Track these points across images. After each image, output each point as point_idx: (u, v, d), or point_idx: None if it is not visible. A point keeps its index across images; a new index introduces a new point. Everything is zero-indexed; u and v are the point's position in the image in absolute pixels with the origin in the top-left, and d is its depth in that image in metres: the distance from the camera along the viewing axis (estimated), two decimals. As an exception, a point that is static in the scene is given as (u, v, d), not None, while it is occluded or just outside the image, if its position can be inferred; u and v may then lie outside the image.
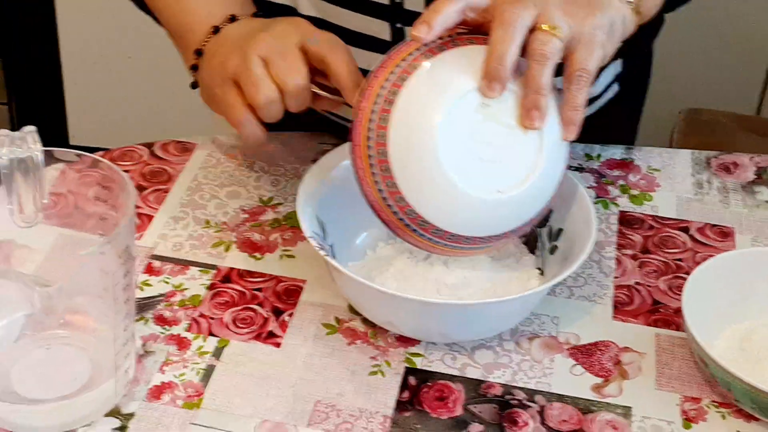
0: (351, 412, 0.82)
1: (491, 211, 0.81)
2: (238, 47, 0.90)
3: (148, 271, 0.93)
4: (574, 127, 0.81)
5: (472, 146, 0.80)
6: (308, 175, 0.91)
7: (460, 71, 0.79)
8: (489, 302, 0.83)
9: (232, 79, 0.89)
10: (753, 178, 1.08)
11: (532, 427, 0.82)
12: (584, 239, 0.87)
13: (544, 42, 0.78)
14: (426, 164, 0.79)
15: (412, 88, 0.80)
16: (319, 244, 0.86)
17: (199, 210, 1.00)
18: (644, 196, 1.05)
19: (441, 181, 0.79)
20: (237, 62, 0.89)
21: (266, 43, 0.88)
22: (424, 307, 0.83)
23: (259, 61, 0.88)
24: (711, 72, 2.02)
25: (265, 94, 0.87)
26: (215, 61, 0.92)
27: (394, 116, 0.80)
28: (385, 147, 0.80)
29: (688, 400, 0.84)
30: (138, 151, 1.07)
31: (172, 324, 0.89)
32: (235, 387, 0.84)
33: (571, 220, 0.90)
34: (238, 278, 0.93)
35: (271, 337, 0.88)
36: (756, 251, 0.93)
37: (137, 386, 0.83)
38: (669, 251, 0.98)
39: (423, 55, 0.81)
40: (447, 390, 0.85)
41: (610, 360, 0.88)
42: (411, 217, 0.81)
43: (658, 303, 0.93)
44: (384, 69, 0.81)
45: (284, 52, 0.88)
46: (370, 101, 0.81)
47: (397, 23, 1.00)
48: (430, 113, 0.79)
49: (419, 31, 0.79)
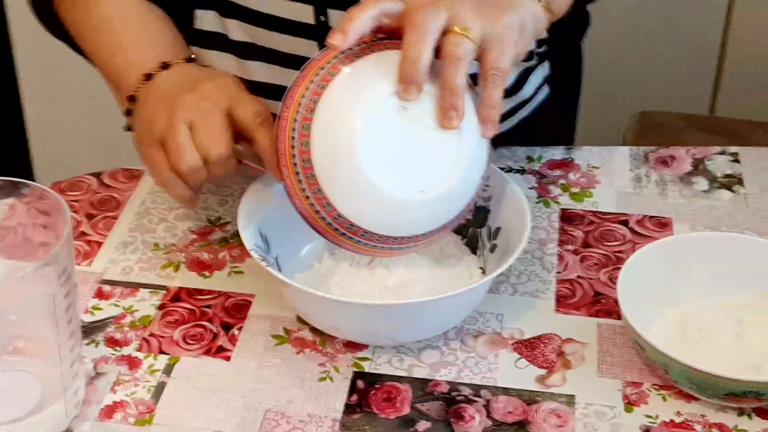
0: (300, 418, 0.84)
1: (416, 211, 0.84)
2: (166, 107, 0.91)
3: (98, 296, 0.95)
4: (492, 124, 0.83)
5: (393, 149, 0.82)
6: (249, 191, 0.93)
7: (377, 76, 0.82)
8: (430, 300, 0.85)
9: (159, 141, 0.91)
10: (690, 169, 1.10)
11: (478, 420, 0.84)
12: (520, 233, 0.89)
13: (456, 44, 0.80)
14: (349, 169, 0.81)
15: (332, 95, 0.82)
16: (261, 255, 0.88)
17: (148, 233, 1.02)
18: (585, 193, 1.07)
19: (365, 185, 0.81)
20: (163, 125, 0.90)
21: (193, 107, 0.90)
22: (366, 310, 0.85)
23: (184, 128, 0.89)
24: (663, 74, 2.05)
25: (187, 162, 0.89)
26: (144, 114, 0.93)
27: (315, 124, 0.82)
28: (309, 155, 0.82)
29: (630, 385, 0.86)
30: (86, 180, 1.09)
31: (122, 345, 0.90)
32: (186, 401, 0.85)
33: (507, 217, 0.93)
34: (187, 297, 0.95)
35: (221, 351, 0.90)
36: (689, 237, 0.96)
37: (89, 407, 0.84)
38: (609, 244, 1.01)
39: (341, 62, 0.83)
40: (394, 391, 0.86)
41: (554, 351, 0.90)
42: (339, 221, 0.83)
43: (599, 294, 0.95)
44: (304, 77, 0.84)
45: (210, 118, 0.89)
46: (292, 110, 0.83)
47: (325, 41, 1.02)
48: (350, 119, 0.81)
49: (335, 39, 0.82)
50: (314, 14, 1.01)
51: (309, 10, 1.01)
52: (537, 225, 1.02)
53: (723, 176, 1.09)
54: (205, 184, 1.06)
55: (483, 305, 0.93)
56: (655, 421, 0.83)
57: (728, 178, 1.09)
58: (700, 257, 0.91)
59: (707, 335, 0.87)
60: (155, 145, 0.91)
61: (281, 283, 0.87)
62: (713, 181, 1.08)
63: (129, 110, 0.97)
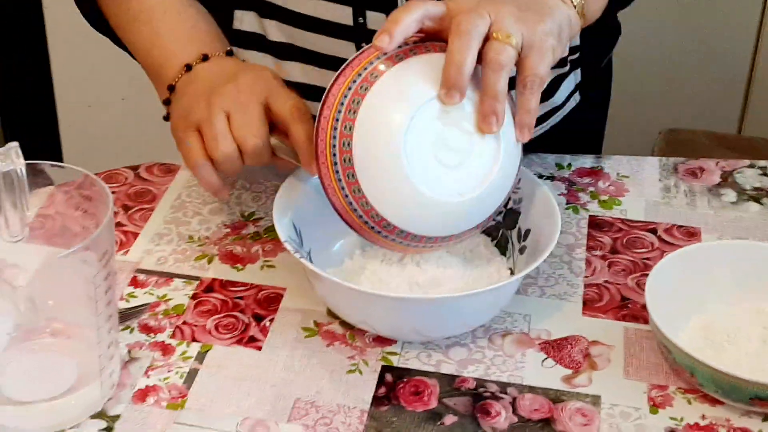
0: (330, 408, 0.85)
1: (453, 213, 0.86)
2: (205, 96, 0.93)
3: (133, 284, 0.97)
4: (528, 129, 0.85)
5: (434, 152, 0.84)
6: (284, 186, 0.95)
7: (420, 80, 0.83)
8: (457, 295, 0.87)
9: (195, 127, 0.93)
10: (718, 181, 1.12)
11: (505, 416, 0.85)
12: (550, 235, 0.90)
13: (499, 51, 0.82)
14: (390, 170, 0.83)
15: (375, 97, 0.83)
16: (294, 248, 0.89)
17: (183, 226, 1.04)
18: (613, 201, 1.09)
19: (405, 187, 0.83)
20: (201, 112, 0.92)
21: (231, 97, 0.92)
22: (395, 303, 0.86)
23: (222, 115, 0.91)
24: (692, 93, 2.06)
25: (223, 151, 0.91)
26: (183, 102, 0.95)
27: (358, 124, 0.83)
28: (350, 154, 0.84)
29: (655, 388, 0.87)
30: (123, 173, 1.11)
31: (156, 332, 0.92)
32: (218, 388, 0.87)
33: (537, 219, 0.94)
34: (220, 288, 0.97)
35: (252, 341, 0.91)
36: (716, 244, 0.97)
37: (123, 390, 0.86)
38: (637, 251, 1.02)
39: (383, 64, 0.84)
40: (422, 385, 0.88)
41: (580, 353, 0.91)
42: (376, 220, 0.85)
43: (626, 299, 0.96)
44: (345, 77, 0.85)
45: (247, 109, 0.91)
46: (333, 109, 0.85)
47: (362, 43, 1.04)
48: (392, 121, 0.83)
49: (381, 41, 0.83)
50: (353, 16, 1.03)
51: (348, 12, 1.03)
52: (565, 230, 1.04)
53: (752, 189, 1.10)
54: (238, 180, 1.09)
55: (511, 306, 0.94)
56: (679, 424, 0.84)
57: (757, 191, 1.10)
58: (726, 265, 0.92)
59: (733, 341, 0.88)
60: (191, 129, 0.92)
61: (313, 276, 0.89)
62: (742, 194, 1.09)
63: (168, 99, 0.99)
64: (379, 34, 0.84)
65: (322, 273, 0.86)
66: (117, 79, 2.21)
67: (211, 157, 0.92)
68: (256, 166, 0.94)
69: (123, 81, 2.21)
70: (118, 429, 0.83)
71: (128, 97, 2.24)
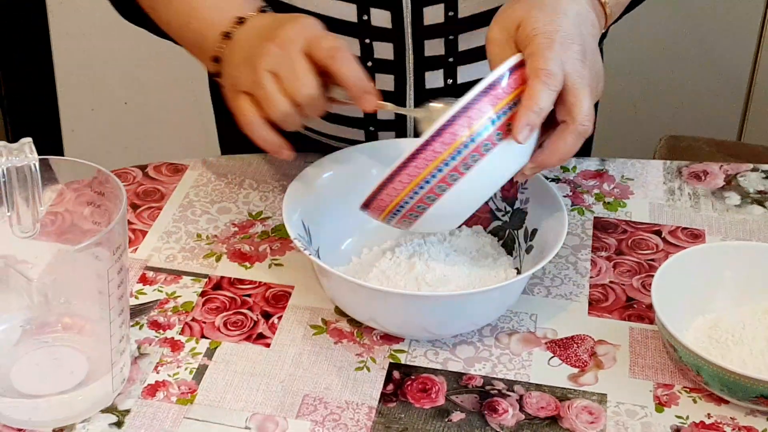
0: (338, 404, 0.86)
1: None
2: (247, 61, 0.93)
3: (142, 281, 0.97)
4: None
5: None
6: (293, 184, 0.96)
7: None
8: (465, 293, 0.88)
9: (245, 92, 0.93)
10: (722, 184, 1.12)
11: (512, 413, 0.86)
12: (557, 235, 0.91)
13: None
14: None
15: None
16: (303, 245, 0.90)
17: (191, 225, 1.04)
18: (618, 203, 1.09)
19: None
20: (248, 77, 0.92)
21: (273, 55, 0.91)
22: (403, 301, 0.87)
23: (268, 76, 0.91)
24: (692, 100, 2.07)
25: (279, 109, 0.91)
26: (230, 71, 0.95)
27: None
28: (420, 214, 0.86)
29: (661, 387, 0.88)
30: (132, 172, 1.11)
31: (165, 328, 0.93)
32: (227, 384, 0.87)
33: (544, 219, 0.95)
34: (228, 285, 0.97)
35: (261, 338, 0.92)
36: (721, 245, 0.97)
37: (133, 385, 0.87)
38: (642, 252, 1.03)
39: None
40: (430, 382, 0.88)
41: (586, 352, 0.91)
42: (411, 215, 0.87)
43: (631, 299, 0.97)
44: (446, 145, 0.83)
45: (291, 63, 0.91)
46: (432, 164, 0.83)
47: (366, 39, 1.04)
48: None
49: (523, 137, 0.84)
50: (357, 13, 1.04)
51: (352, 9, 1.04)
52: (571, 231, 1.04)
53: (755, 192, 1.11)
54: (246, 179, 1.09)
55: (517, 305, 0.95)
56: (685, 422, 0.85)
57: (761, 194, 1.11)
58: (731, 265, 0.93)
59: (738, 340, 0.89)
60: (241, 95, 0.93)
61: (321, 273, 0.89)
62: (745, 197, 1.10)
63: (218, 72, 0.98)
64: (522, 129, 0.84)
65: (330, 269, 0.87)
66: (120, 83, 2.22)
67: (270, 119, 0.92)
68: (315, 117, 0.93)
69: (126, 85, 2.23)
70: (128, 423, 0.84)
71: (131, 101, 2.24)
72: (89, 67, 2.21)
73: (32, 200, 0.84)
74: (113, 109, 2.26)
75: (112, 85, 2.22)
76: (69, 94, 2.26)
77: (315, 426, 0.84)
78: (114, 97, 2.25)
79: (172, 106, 2.17)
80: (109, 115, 2.27)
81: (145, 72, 2.14)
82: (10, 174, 0.81)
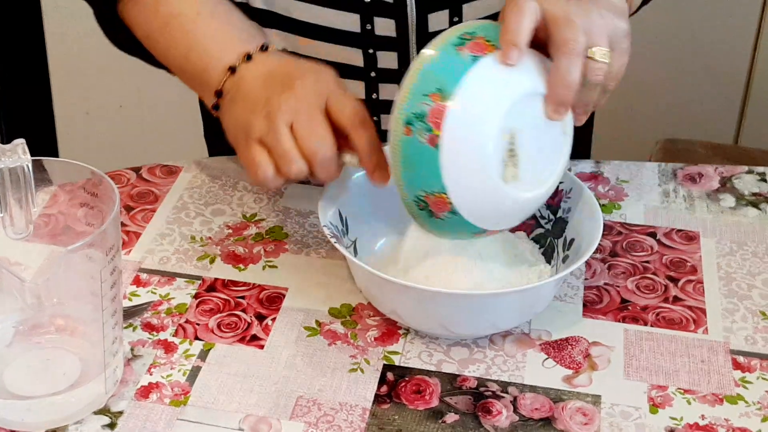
0: (332, 405, 0.86)
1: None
2: (263, 108, 0.90)
3: (136, 283, 0.97)
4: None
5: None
6: None
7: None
8: (483, 294, 0.88)
9: (258, 142, 0.90)
10: (717, 186, 1.12)
11: (506, 415, 0.85)
12: (587, 245, 0.91)
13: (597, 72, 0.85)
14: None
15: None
16: (332, 233, 0.90)
17: (185, 227, 1.04)
18: (613, 205, 1.09)
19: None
20: (263, 127, 0.89)
21: (291, 108, 0.89)
22: (424, 296, 0.87)
23: (287, 132, 0.88)
24: (689, 103, 2.07)
25: (294, 169, 0.89)
26: (238, 112, 0.92)
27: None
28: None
29: (655, 388, 0.88)
30: (125, 174, 1.11)
31: (159, 330, 0.92)
32: (220, 385, 0.87)
33: (580, 227, 0.95)
34: (222, 287, 0.97)
35: (255, 340, 0.92)
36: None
37: (126, 387, 0.86)
38: (637, 254, 1.02)
39: None
40: (423, 384, 0.88)
41: (581, 353, 0.91)
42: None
43: (626, 301, 0.97)
44: None
45: (310, 121, 0.88)
46: None
47: (370, 49, 1.04)
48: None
49: (512, 59, 0.82)
50: (360, 23, 1.03)
51: (355, 19, 1.03)
52: (566, 233, 1.04)
53: (750, 194, 1.11)
54: (240, 182, 1.09)
55: (512, 307, 0.95)
56: (679, 423, 0.85)
57: (755, 196, 1.11)
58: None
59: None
60: (253, 143, 0.90)
61: (350, 263, 0.90)
62: (740, 199, 1.10)
63: (216, 105, 0.96)
64: (509, 50, 0.82)
65: (355, 260, 0.88)
66: (115, 87, 2.22)
67: (283, 175, 0.90)
68: (321, 180, 0.92)
69: (121, 89, 2.23)
70: (121, 425, 0.83)
71: (126, 105, 2.24)
72: (84, 69, 2.21)
73: (25, 202, 0.83)
74: (108, 111, 2.26)
75: (107, 87, 2.22)
76: (64, 96, 2.26)
77: (309, 427, 0.84)
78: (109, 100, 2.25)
79: (167, 109, 2.17)
80: (104, 117, 2.27)
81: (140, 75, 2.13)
82: (3, 175, 0.81)
